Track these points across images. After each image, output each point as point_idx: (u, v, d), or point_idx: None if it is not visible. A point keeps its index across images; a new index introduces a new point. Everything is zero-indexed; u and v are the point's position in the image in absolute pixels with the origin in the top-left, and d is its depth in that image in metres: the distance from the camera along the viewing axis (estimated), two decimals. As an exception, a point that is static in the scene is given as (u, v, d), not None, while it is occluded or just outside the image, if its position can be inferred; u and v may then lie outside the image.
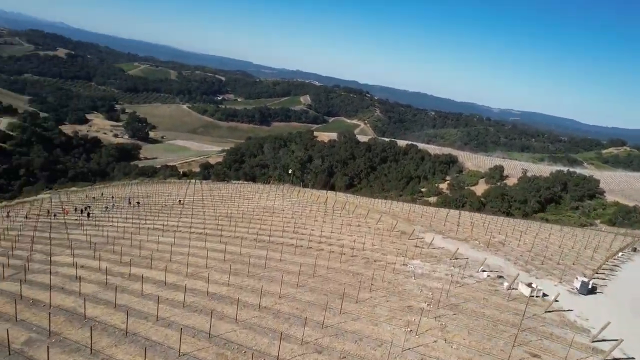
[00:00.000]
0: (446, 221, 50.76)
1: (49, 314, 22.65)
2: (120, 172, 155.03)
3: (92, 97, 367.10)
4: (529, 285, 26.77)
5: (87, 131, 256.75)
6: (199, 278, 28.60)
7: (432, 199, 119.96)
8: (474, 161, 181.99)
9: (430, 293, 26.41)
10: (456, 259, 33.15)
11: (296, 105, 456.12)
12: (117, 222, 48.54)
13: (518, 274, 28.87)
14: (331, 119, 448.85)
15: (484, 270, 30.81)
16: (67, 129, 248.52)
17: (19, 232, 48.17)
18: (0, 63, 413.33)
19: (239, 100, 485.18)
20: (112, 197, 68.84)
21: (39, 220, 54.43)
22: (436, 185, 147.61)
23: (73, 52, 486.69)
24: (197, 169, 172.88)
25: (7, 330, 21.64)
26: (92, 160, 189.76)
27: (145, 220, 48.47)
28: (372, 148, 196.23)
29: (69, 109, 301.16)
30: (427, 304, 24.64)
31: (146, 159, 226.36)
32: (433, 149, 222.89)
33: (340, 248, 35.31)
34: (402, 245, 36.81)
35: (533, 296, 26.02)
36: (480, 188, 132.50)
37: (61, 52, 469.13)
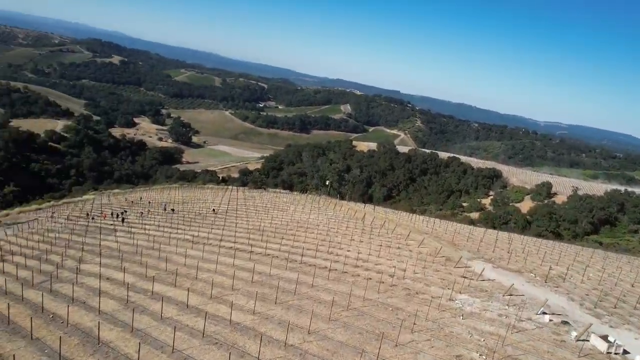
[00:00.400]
0: (495, 246, 46.19)
1: (61, 338, 21.05)
2: (162, 175, 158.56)
3: (140, 102, 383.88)
4: (605, 338, 22.46)
5: (134, 134, 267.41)
6: (224, 302, 26.40)
7: (474, 215, 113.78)
8: (519, 176, 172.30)
9: (482, 339, 22.74)
10: (510, 295, 29.09)
11: (336, 114, 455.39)
12: (150, 229, 47.78)
13: (591, 324, 24.48)
14: (371, 129, 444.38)
15: (544, 313, 26.64)
16: (116, 131, 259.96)
17: (57, 235, 48.49)
18: (62, 69, 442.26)
19: (280, 107, 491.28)
20: (149, 203, 69.01)
21: (78, 222, 54.97)
22: (478, 200, 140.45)
23: (126, 59, 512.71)
24: (236, 175, 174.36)
25: (19, 350, 20.31)
26: (136, 162, 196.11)
27: (177, 229, 47.38)
28: (412, 159, 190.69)
29: (119, 113, 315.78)
30: (479, 355, 21.04)
31: (188, 162, 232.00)
32: (476, 162, 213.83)
33: (379, 274, 32.13)
34: (448, 275, 33.10)
35: (611, 353, 21.76)
36: (525, 205, 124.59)
37: (116, 59, 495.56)
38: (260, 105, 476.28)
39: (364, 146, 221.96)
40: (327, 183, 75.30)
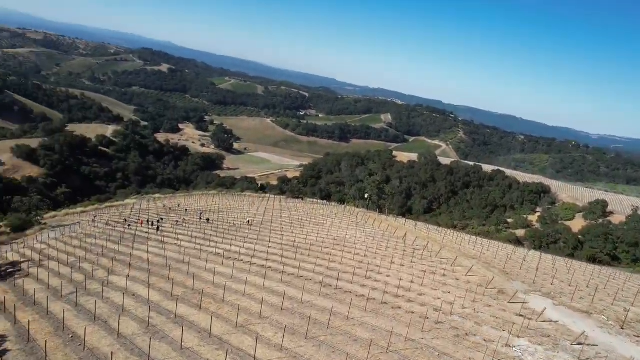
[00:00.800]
0: (554, 276, 41.20)
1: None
2: (202, 181, 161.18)
3: (185, 109, 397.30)
4: None
5: (178, 140, 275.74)
6: (249, 332, 24.00)
7: (520, 232, 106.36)
8: (569, 192, 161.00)
9: (551, 402, 18.92)
10: (580, 344, 24.78)
11: (376, 123, 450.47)
12: (182, 240, 46.65)
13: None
14: (411, 139, 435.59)
15: (625, 370, 22.24)
16: (161, 137, 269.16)
17: (94, 241, 48.44)
18: (115, 77, 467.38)
19: (320, 115, 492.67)
20: (186, 210, 68.65)
21: (115, 228, 54.99)
22: (524, 216, 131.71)
23: (174, 68, 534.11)
24: (275, 182, 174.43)
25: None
26: (179, 167, 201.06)
27: (210, 241, 45.91)
28: (455, 171, 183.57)
29: (165, 119, 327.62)
30: None
31: (228, 169, 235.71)
32: (522, 176, 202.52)
33: (422, 307, 28.67)
34: (502, 312, 29.08)
35: None
36: (577, 224, 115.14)
37: (164, 67, 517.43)
38: (301, 114, 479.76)
39: (404, 157, 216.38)
40: (365, 196, 72.12)
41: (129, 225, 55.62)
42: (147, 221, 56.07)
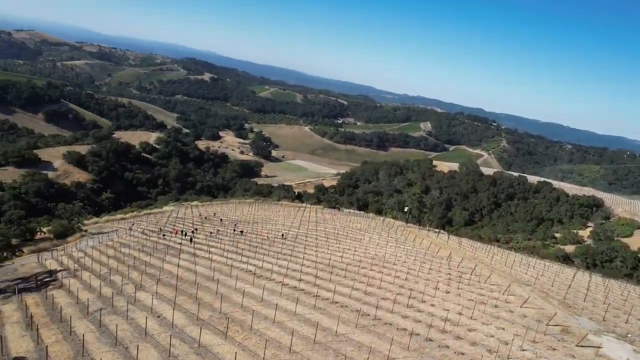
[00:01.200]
0: (629, 312, 35.94)
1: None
2: (240, 188, 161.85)
3: (226, 116, 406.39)
4: None
5: (218, 147, 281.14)
6: (277, 371, 21.52)
7: (569, 248, 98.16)
8: (626, 206, 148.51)
9: None
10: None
11: (415, 132, 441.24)
12: (214, 253, 45.11)
13: None
14: (452, 147, 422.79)
15: None
16: (202, 144, 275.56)
17: (128, 251, 47.98)
18: (160, 86, 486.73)
19: (358, 124, 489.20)
20: (221, 220, 67.69)
21: (150, 238, 54.51)
22: (574, 231, 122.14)
23: (215, 77, 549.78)
24: (312, 191, 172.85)
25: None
26: (218, 174, 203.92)
27: (242, 255, 44.06)
28: (498, 182, 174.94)
29: (207, 126, 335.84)
30: None
31: (266, 176, 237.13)
32: (571, 187, 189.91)
33: (474, 348, 25.07)
34: (570, 359, 24.94)
35: None
36: (635, 241, 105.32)
37: (206, 76, 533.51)
38: (339, 122, 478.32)
39: (445, 166, 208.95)
40: (405, 209, 68.25)
41: (163, 235, 55.03)
42: (182, 232, 55.25)
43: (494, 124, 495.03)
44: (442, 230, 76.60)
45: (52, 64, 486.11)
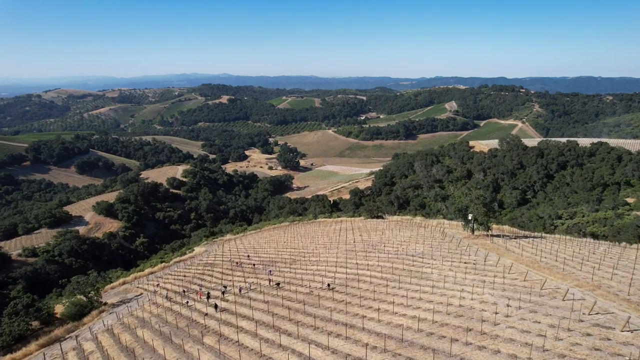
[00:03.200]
0: None
1: None
2: (275, 207, 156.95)
3: (249, 134, 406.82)
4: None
5: (246, 167, 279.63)
6: None
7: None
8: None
9: None
10: None
11: (441, 114, 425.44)
12: (244, 331, 34.19)
13: None
14: (482, 123, 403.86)
15: None
16: (230, 166, 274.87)
17: (143, 333, 37.71)
18: (182, 117, 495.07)
19: (381, 117, 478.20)
20: (254, 265, 59.22)
21: (172, 307, 44.69)
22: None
23: (233, 97, 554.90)
24: (347, 196, 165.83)
25: None
26: (249, 196, 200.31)
27: (279, 332, 32.13)
28: (545, 153, 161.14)
29: (232, 148, 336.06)
30: None
31: (298, 188, 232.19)
32: (632, 143, 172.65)
33: None
34: None
35: None
36: None
37: (224, 99, 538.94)
38: (362, 118, 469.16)
39: (483, 146, 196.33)
40: (469, 217, 58.70)
41: (187, 302, 46.46)
42: (207, 296, 46.67)
43: (522, 90, 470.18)
44: (509, 235, 65.35)
45: (80, 116, 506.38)
